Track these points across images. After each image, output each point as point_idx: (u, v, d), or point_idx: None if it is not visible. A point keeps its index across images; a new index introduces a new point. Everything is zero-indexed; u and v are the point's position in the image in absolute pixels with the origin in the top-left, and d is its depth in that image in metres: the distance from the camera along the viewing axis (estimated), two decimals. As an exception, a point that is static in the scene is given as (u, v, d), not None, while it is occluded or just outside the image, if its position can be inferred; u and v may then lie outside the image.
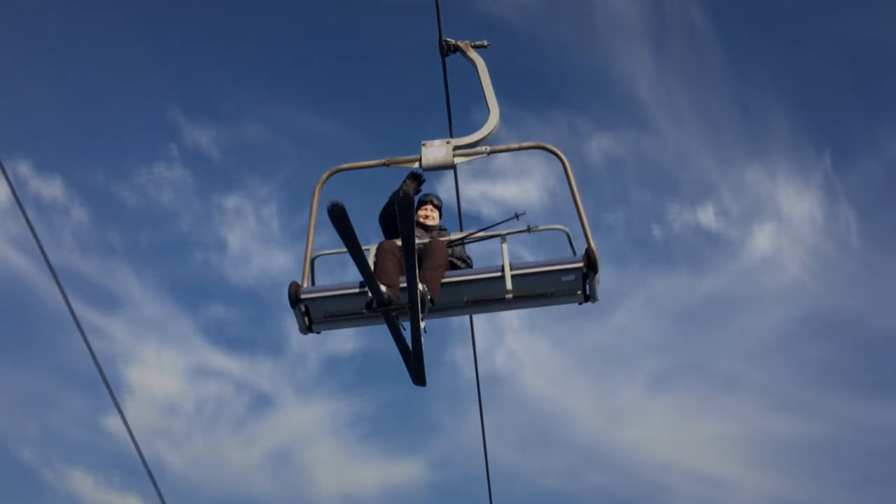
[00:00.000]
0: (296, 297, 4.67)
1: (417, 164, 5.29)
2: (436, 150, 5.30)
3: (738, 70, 29.26)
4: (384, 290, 4.38)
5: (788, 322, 28.63)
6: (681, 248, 29.26)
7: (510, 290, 4.68)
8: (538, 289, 4.72)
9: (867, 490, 24.34)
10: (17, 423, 23.64)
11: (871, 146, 27.68)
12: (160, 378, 27.27)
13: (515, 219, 5.03)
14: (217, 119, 30.18)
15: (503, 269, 4.72)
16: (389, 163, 5.31)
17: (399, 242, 4.69)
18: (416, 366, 4.58)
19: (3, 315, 25.03)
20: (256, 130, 29.39)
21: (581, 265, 4.60)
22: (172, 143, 28.25)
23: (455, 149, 5.32)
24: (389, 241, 5.00)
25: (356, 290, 4.66)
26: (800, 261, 28.21)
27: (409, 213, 4.16)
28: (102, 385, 5.58)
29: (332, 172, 5.31)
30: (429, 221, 5.70)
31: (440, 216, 5.84)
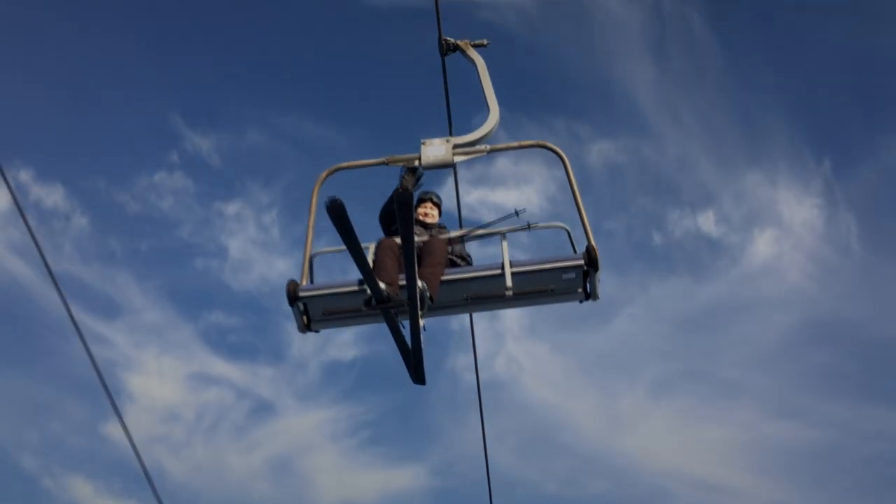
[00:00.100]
0: (294, 295, 4.62)
1: (417, 163, 5.24)
2: (435, 149, 5.24)
3: (739, 76, 29.38)
4: (383, 288, 4.34)
5: (789, 328, 28.66)
6: (681, 255, 29.27)
7: (510, 288, 4.63)
8: (538, 286, 4.66)
9: (868, 496, 24.27)
10: (18, 430, 23.61)
11: (872, 152, 27.76)
12: (160, 385, 27.25)
13: (515, 216, 4.99)
14: (218, 126, 30.28)
15: (503, 267, 4.67)
16: (389, 161, 5.26)
17: (399, 240, 4.66)
18: (416, 364, 4.54)
19: (4, 322, 25.02)
20: (257, 137, 29.46)
21: (581, 262, 4.55)
22: (173, 150, 28.34)
23: (455, 147, 5.25)
24: (389, 239, 4.97)
25: (355, 288, 4.61)
26: (800, 267, 28.23)
27: (409, 210, 4.13)
28: (103, 392, 5.55)
29: (332, 171, 5.26)
30: (428, 219, 5.68)
31: (440, 214, 5.82)
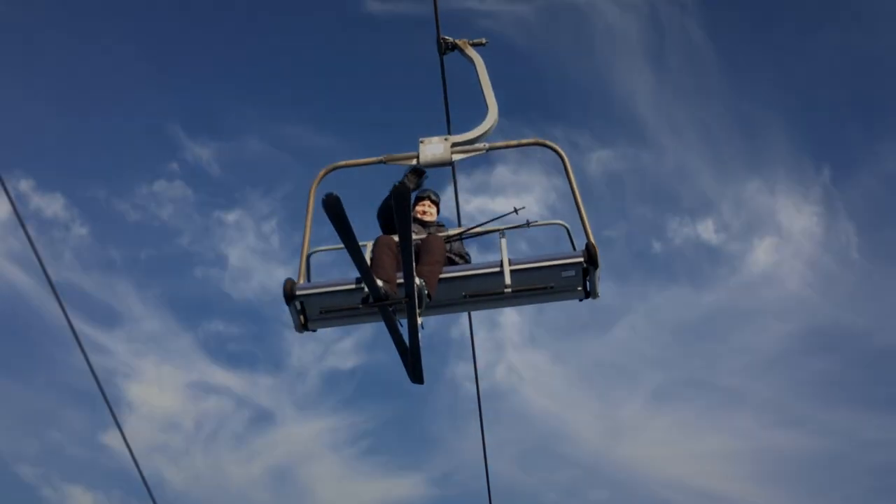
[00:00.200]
0: (291, 294, 4.57)
1: (415, 161, 5.19)
2: (434, 147, 5.19)
3: (737, 85, 29.43)
4: (381, 285, 4.30)
5: (789, 336, 28.57)
6: (681, 263, 29.23)
7: (509, 286, 4.58)
8: (538, 284, 4.61)
9: (870, 505, 24.12)
10: (17, 440, 23.50)
11: (871, 160, 27.79)
12: (160, 394, 27.14)
13: (515, 213, 4.94)
14: (217, 135, 30.30)
15: (502, 264, 4.63)
16: (387, 160, 5.21)
17: (396, 238, 4.61)
18: (414, 363, 4.48)
19: (3, 331, 24.96)
20: (256, 146, 29.47)
21: (581, 260, 4.51)
22: (173, 160, 28.34)
23: (453, 145, 5.20)
24: (386, 236, 4.92)
25: (352, 286, 4.56)
26: (800, 275, 28.17)
27: (406, 205, 4.08)
28: (102, 401, 5.52)
29: (329, 170, 5.21)
30: (426, 217, 5.64)
31: (438, 212, 5.77)
